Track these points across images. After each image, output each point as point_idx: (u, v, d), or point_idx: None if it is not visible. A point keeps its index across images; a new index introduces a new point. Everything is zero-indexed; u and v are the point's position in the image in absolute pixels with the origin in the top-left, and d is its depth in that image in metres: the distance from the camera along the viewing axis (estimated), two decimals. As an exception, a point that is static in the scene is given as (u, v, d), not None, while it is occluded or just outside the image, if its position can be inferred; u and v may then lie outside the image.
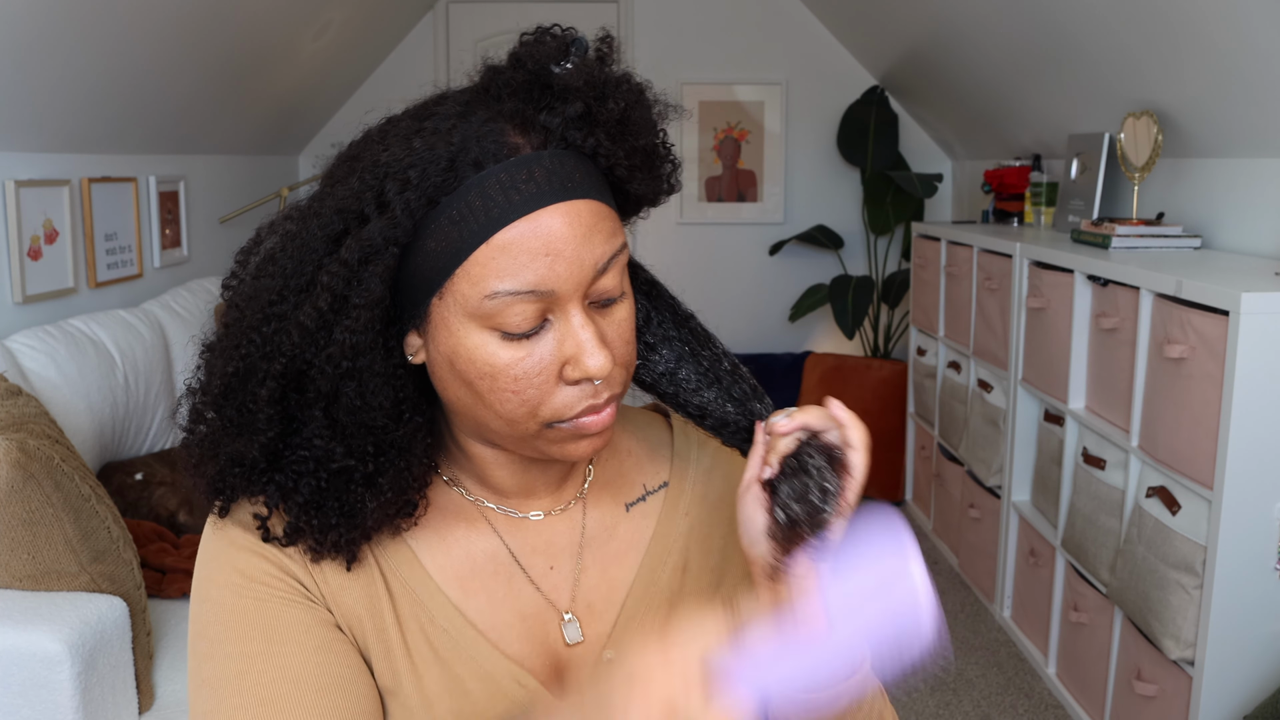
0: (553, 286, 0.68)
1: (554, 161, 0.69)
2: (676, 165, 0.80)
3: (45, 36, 2.40)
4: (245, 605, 0.75)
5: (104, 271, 3.04)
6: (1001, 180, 3.59)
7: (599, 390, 0.72)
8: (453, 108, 0.71)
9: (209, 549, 0.78)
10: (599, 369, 0.70)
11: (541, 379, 0.71)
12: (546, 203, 0.68)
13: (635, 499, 0.87)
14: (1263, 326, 1.81)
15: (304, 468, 0.73)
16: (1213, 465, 1.89)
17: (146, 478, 2.57)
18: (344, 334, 0.69)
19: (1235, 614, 1.90)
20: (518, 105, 0.70)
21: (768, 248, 4.66)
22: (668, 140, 0.79)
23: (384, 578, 0.79)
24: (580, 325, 0.70)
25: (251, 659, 0.73)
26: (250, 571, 0.76)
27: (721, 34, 4.59)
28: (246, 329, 0.72)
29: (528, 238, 0.68)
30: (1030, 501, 2.87)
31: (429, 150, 0.68)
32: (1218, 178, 2.50)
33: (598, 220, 0.70)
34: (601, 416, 0.73)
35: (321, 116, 4.61)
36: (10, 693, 1.73)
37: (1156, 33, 2.39)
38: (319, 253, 0.70)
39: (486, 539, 0.82)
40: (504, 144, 0.69)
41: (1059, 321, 2.56)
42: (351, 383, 0.71)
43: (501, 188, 0.68)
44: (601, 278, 0.71)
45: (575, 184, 0.69)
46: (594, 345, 0.70)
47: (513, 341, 0.70)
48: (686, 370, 0.82)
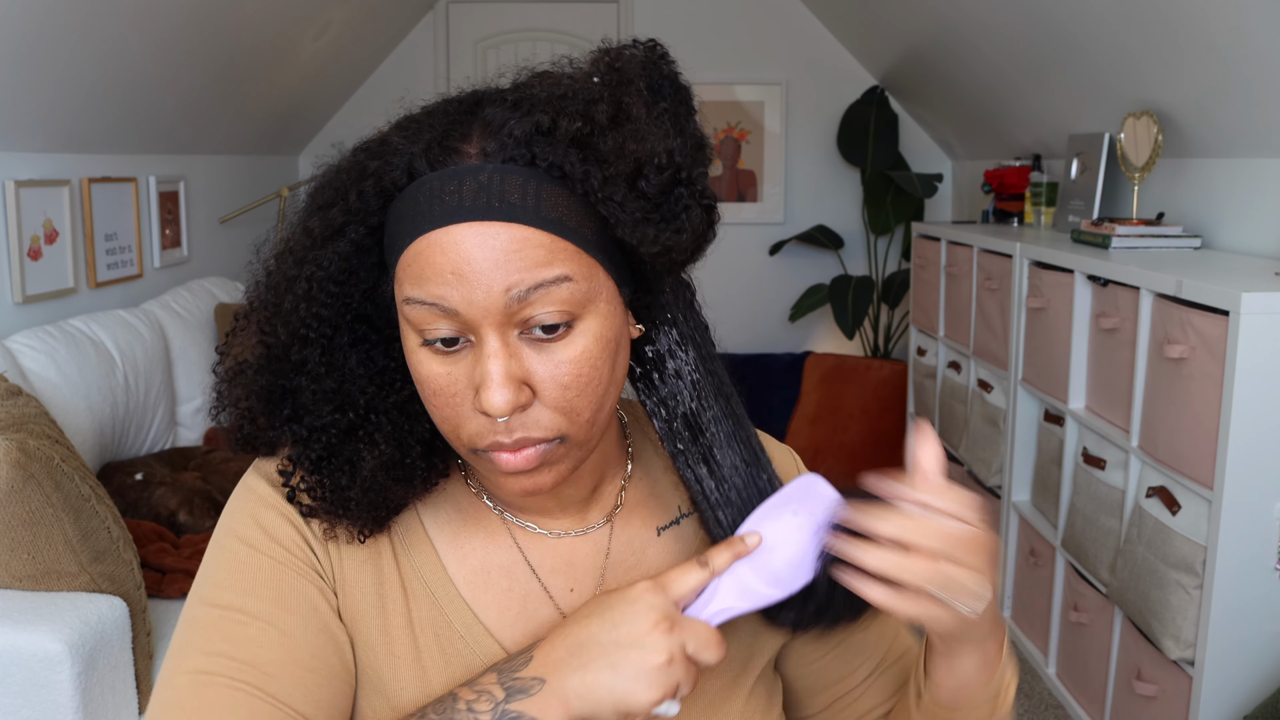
0: (455, 306, 0.65)
1: (492, 177, 0.65)
2: (696, 216, 0.69)
3: (45, 36, 2.40)
4: (260, 562, 0.75)
5: (104, 271, 3.04)
6: (1001, 180, 3.59)
7: (509, 428, 0.68)
8: (451, 106, 0.71)
9: (239, 497, 0.78)
10: (495, 406, 0.65)
11: (457, 400, 0.68)
12: (461, 219, 0.65)
13: (668, 522, 0.83)
14: (1263, 326, 1.81)
15: (313, 421, 0.74)
16: (1213, 465, 1.89)
17: (146, 478, 2.57)
18: (296, 302, 0.71)
19: (1235, 614, 1.90)
20: (498, 112, 0.68)
21: (768, 248, 4.66)
22: (696, 184, 0.69)
23: (401, 575, 0.78)
24: (490, 354, 0.66)
25: (252, 615, 0.73)
26: (273, 530, 0.76)
27: (721, 34, 4.59)
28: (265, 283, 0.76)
29: (435, 251, 0.65)
30: (1030, 501, 2.87)
31: (394, 145, 0.69)
32: (1218, 178, 2.50)
33: (521, 247, 0.65)
34: (515, 458, 0.68)
35: (321, 116, 4.61)
36: (10, 693, 1.73)
37: (1156, 33, 2.39)
38: (300, 221, 0.73)
39: (505, 551, 0.80)
40: (455, 150, 0.67)
41: (1059, 321, 2.56)
42: (314, 350, 0.72)
43: (429, 196, 0.66)
44: (524, 307, 0.66)
45: (505, 205, 0.65)
46: (497, 380, 0.65)
47: (434, 353, 0.68)
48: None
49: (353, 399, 0.73)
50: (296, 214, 0.75)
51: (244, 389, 0.74)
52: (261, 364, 0.74)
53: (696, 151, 0.71)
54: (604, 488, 0.82)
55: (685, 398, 0.78)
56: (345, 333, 0.72)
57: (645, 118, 0.68)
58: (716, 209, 0.72)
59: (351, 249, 0.70)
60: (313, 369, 0.72)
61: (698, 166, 0.70)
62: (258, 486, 0.77)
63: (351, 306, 0.72)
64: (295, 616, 0.73)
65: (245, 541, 0.75)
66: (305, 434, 0.74)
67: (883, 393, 4.09)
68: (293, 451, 0.75)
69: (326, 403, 0.73)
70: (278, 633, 0.72)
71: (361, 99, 4.67)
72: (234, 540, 0.76)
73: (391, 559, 0.78)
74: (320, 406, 0.73)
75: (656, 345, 0.78)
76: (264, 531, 0.75)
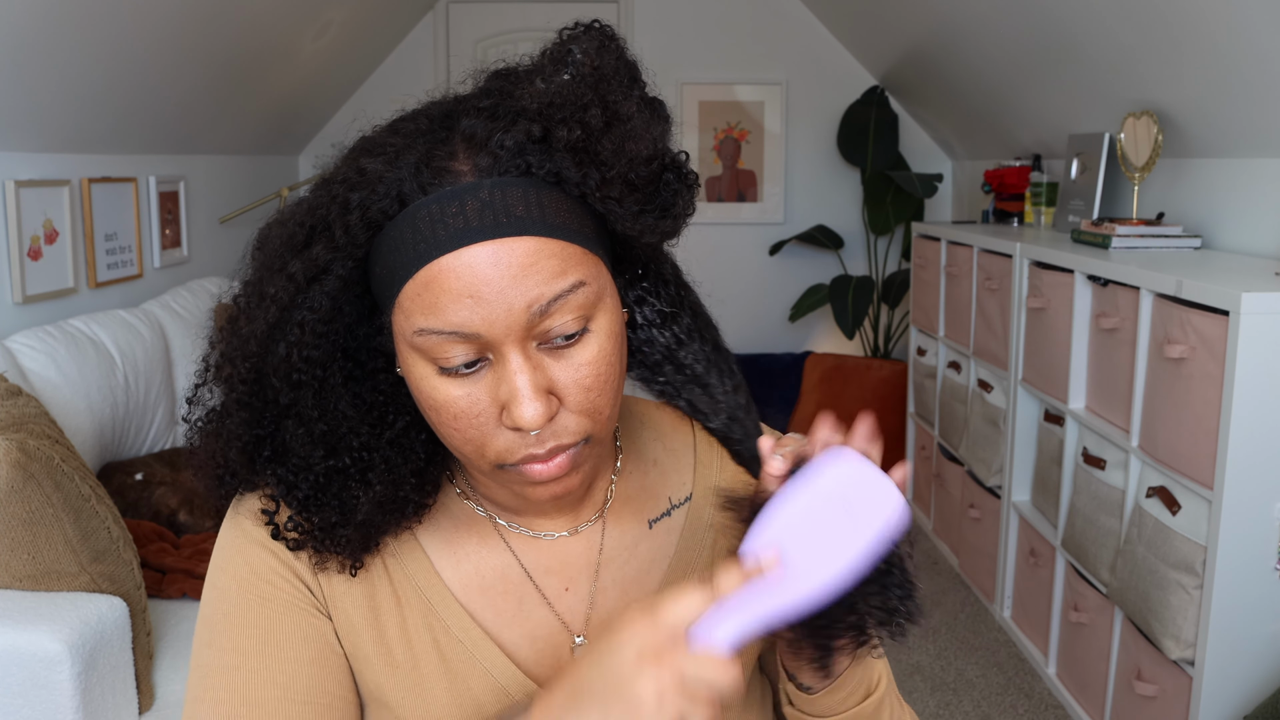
0: (476, 330, 0.64)
1: (493, 193, 0.64)
2: (684, 199, 0.71)
3: (45, 36, 2.40)
4: (249, 602, 0.75)
5: (104, 271, 3.04)
6: (1001, 180, 3.59)
7: (541, 439, 0.67)
8: (420, 124, 0.68)
9: (226, 536, 0.78)
10: (529, 420, 0.64)
11: (481, 420, 0.67)
12: (471, 240, 0.63)
13: (659, 514, 0.83)
14: (1263, 326, 1.81)
15: (300, 464, 0.72)
16: (1213, 465, 1.89)
17: (146, 478, 2.57)
18: (289, 349, 0.68)
19: (1235, 614, 1.90)
20: (478, 124, 0.65)
21: (768, 248, 4.66)
22: (680, 166, 0.71)
23: (393, 585, 0.77)
24: (516, 370, 0.65)
25: (246, 656, 0.73)
26: (259, 568, 0.75)
27: (721, 34, 4.59)
28: (227, 333, 0.72)
29: (448, 277, 0.63)
30: (1030, 501, 2.87)
31: (376, 172, 0.65)
32: (1218, 178, 2.50)
33: (536, 260, 0.64)
34: (549, 467, 0.68)
35: (321, 116, 4.61)
36: (10, 693, 1.73)
37: (1156, 33, 2.39)
38: (275, 265, 0.69)
39: (498, 555, 0.79)
40: (446, 170, 0.65)
41: (1059, 321, 2.56)
42: (308, 393, 0.70)
43: (430, 220, 0.64)
44: (544, 320, 0.65)
45: (513, 219, 0.63)
46: (528, 394, 0.65)
47: (451, 378, 0.66)
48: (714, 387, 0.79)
49: (346, 442, 0.72)
50: (256, 260, 0.71)
51: (223, 440, 0.73)
52: (236, 411, 0.72)
53: (666, 125, 0.70)
54: (596, 484, 0.81)
55: (659, 343, 0.79)
56: (336, 372, 0.71)
57: (635, 114, 0.67)
58: (697, 181, 0.72)
59: (339, 286, 0.68)
60: (304, 412, 0.70)
61: (668, 138, 0.69)
62: (242, 524, 0.77)
63: (339, 345, 0.70)
64: (285, 652, 0.74)
65: (234, 581, 0.75)
66: (291, 477, 0.72)
67: (883, 393, 4.09)
68: (276, 491, 0.74)
69: (317, 446, 0.71)
70: (270, 671, 0.73)
71: (361, 99, 4.67)
72: (224, 579, 0.76)
73: (382, 570, 0.77)
74: (311, 450, 0.71)
75: (640, 322, 0.78)
76: (252, 570, 0.75)
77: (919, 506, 3.91)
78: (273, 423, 0.72)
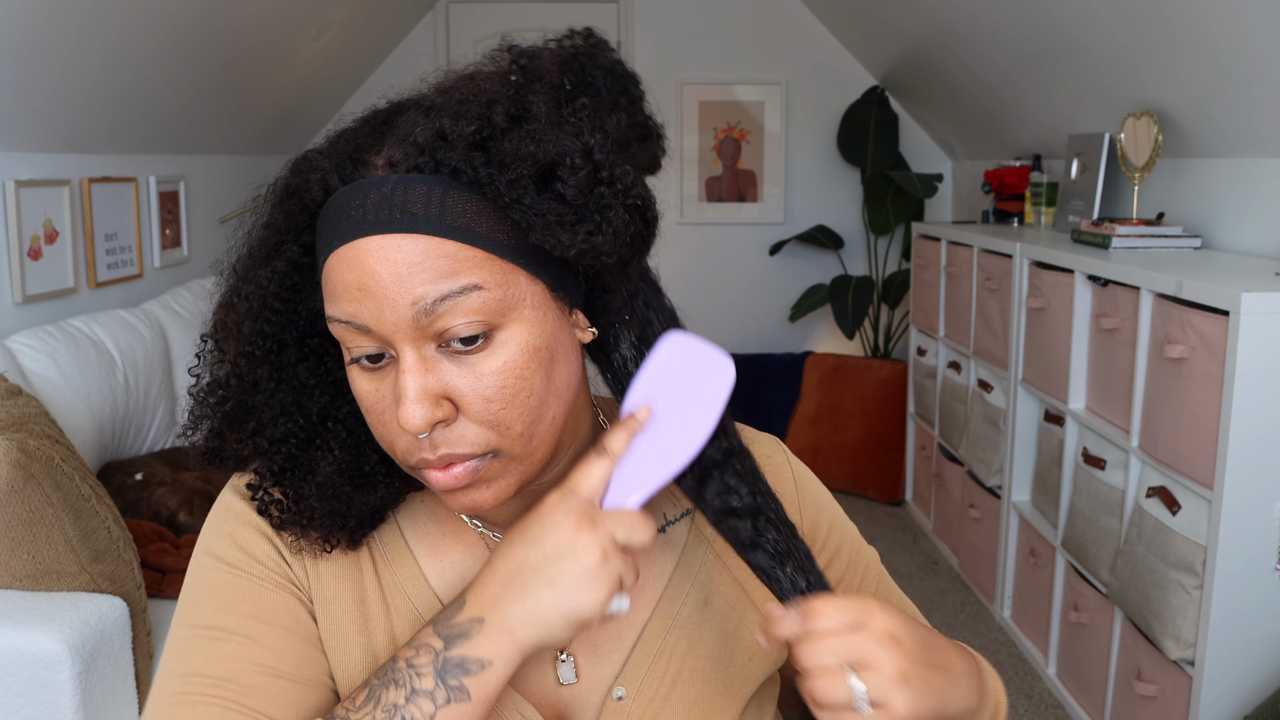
0: (367, 322, 0.64)
1: (396, 188, 0.64)
2: (620, 218, 0.65)
3: (45, 36, 2.40)
4: (237, 578, 0.74)
5: (104, 271, 3.04)
6: (1001, 180, 3.59)
7: (433, 444, 0.66)
8: (378, 117, 0.70)
9: (217, 513, 0.78)
10: (407, 422, 0.64)
11: (386, 417, 0.67)
12: (364, 233, 0.63)
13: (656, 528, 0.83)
14: (1263, 326, 1.81)
15: (274, 435, 0.74)
16: (1213, 465, 1.89)
17: (146, 478, 2.57)
18: (240, 320, 0.71)
19: (1235, 614, 1.90)
20: (409, 120, 0.66)
21: (768, 248, 4.66)
22: (619, 181, 0.64)
23: (382, 589, 0.77)
24: (405, 369, 0.65)
25: (229, 631, 0.72)
26: (248, 546, 0.75)
27: (721, 34, 4.59)
28: None
29: (343, 268, 0.65)
30: (1030, 502, 2.87)
31: (313, 161, 0.68)
32: (1218, 178, 2.50)
33: (424, 259, 0.63)
34: (445, 475, 0.67)
35: (321, 116, 4.61)
36: (10, 693, 1.73)
37: (1156, 33, 2.39)
38: (242, 246, 0.73)
39: (481, 562, 0.78)
40: (364, 163, 0.66)
41: (1059, 321, 2.56)
42: (264, 367, 0.72)
43: (338, 211, 0.65)
44: (434, 320, 0.64)
45: (407, 215, 0.63)
46: (410, 395, 0.64)
47: (364, 370, 0.68)
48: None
49: (306, 409, 0.73)
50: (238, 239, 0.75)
51: (212, 407, 0.75)
52: (226, 381, 0.74)
53: (626, 146, 0.66)
54: None
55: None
56: (293, 349, 0.72)
57: (547, 117, 0.64)
58: (652, 206, 0.68)
59: (289, 267, 0.70)
60: (264, 385, 0.72)
61: (624, 163, 0.65)
62: (233, 503, 0.77)
63: (298, 323, 0.72)
64: (275, 629, 0.73)
65: (222, 559, 0.75)
66: (266, 446, 0.74)
67: (883, 393, 4.09)
68: (259, 465, 0.75)
69: (282, 415, 0.73)
70: (256, 646, 0.72)
71: (361, 99, 4.62)
72: (210, 559, 0.76)
73: (373, 573, 0.77)
74: (277, 419, 0.73)
75: (619, 349, 0.75)
76: (240, 548, 0.75)
77: (919, 506, 3.91)
78: (250, 392, 0.74)
